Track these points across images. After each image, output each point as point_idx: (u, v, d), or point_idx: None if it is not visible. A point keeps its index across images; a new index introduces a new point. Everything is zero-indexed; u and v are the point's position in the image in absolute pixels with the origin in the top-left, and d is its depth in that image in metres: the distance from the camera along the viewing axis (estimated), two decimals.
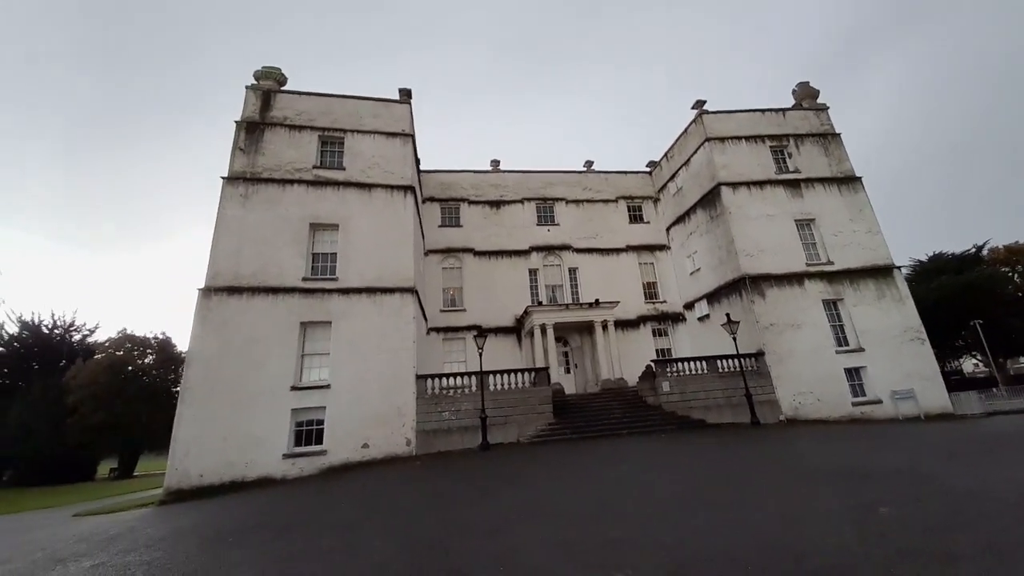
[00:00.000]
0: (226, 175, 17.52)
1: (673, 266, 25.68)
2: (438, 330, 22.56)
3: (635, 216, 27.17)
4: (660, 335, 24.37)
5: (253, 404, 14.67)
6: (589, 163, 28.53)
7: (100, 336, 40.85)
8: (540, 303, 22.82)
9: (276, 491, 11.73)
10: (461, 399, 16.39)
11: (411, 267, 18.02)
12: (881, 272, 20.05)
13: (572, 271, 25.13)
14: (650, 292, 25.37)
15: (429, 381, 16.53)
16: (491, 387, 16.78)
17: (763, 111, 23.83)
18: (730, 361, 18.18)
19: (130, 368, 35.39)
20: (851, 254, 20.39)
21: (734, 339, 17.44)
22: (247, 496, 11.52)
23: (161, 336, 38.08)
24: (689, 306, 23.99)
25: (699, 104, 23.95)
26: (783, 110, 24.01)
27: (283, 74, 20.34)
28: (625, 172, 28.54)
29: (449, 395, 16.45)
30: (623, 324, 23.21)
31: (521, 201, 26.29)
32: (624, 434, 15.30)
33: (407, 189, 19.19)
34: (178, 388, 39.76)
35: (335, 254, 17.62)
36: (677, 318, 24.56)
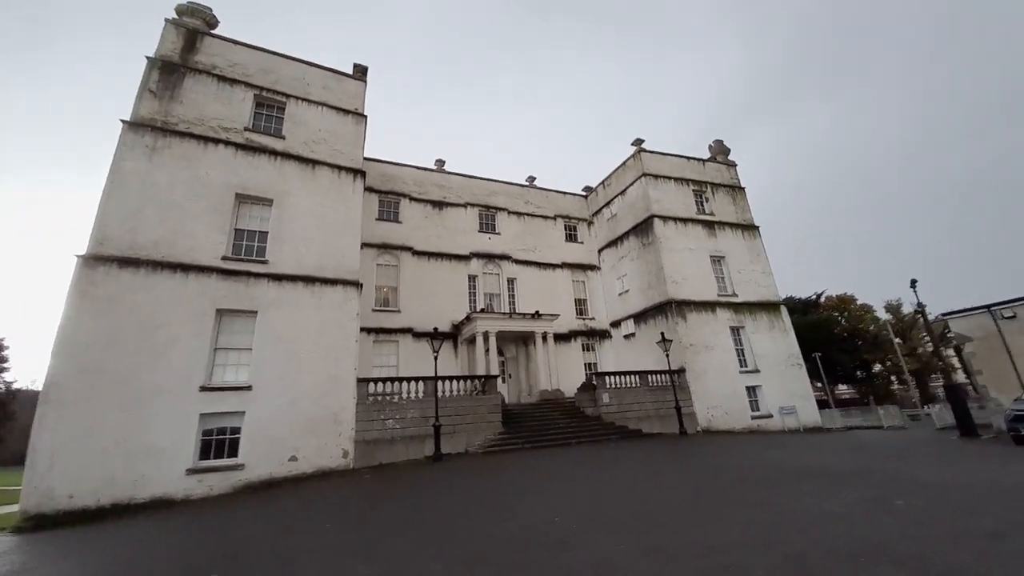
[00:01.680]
0: (129, 119, 14.09)
1: (602, 286, 27.24)
2: (369, 330, 20.61)
3: (571, 235, 28.37)
4: (588, 350, 25.51)
5: (148, 406, 11.67)
6: (531, 178, 29.18)
7: None
8: (483, 309, 22.33)
9: (192, 514, 9.33)
10: (407, 406, 15.08)
11: (357, 258, 16.37)
12: (772, 307, 23.75)
13: (511, 281, 25.16)
14: (580, 309, 26.52)
15: (371, 385, 14.96)
16: (440, 394, 15.73)
17: (688, 158, 26.95)
18: (658, 376, 19.74)
19: None
20: (750, 290, 23.80)
21: (667, 356, 18.98)
22: (153, 521, 8.99)
23: None
24: (616, 324, 25.59)
25: (638, 142, 26.17)
26: (703, 160, 27.45)
27: (214, 16, 17.29)
28: (564, 192, 29.75)
29: (394, 401, 15.03)
30: (557, 337, 23.74)
31: (464, 205, 25.72)
32: (573, 443, 15.49)
33: (357, 173, 17.52)
34: None
35: (265, 233, 15.19)
36: (604, 335, 25.99)
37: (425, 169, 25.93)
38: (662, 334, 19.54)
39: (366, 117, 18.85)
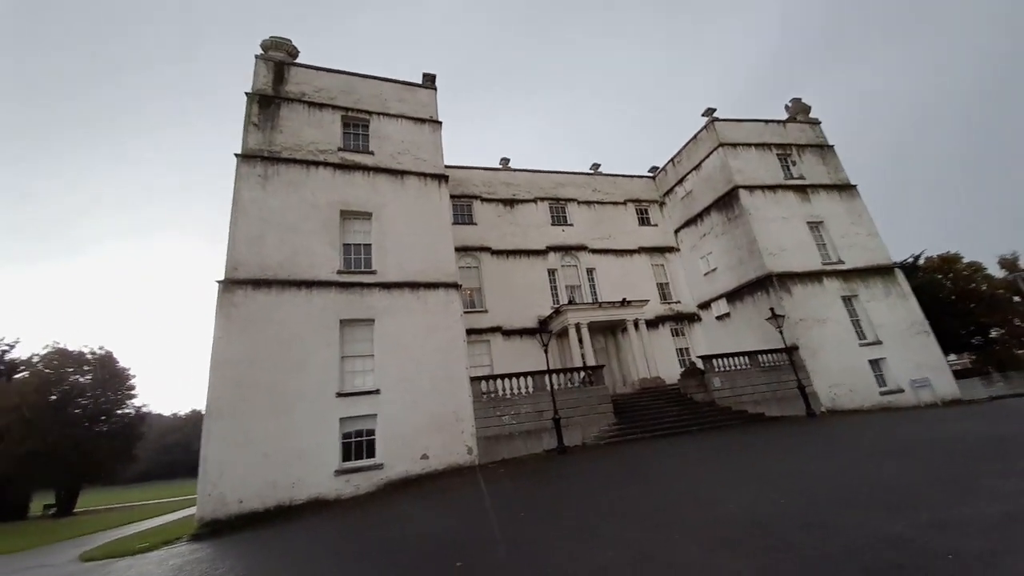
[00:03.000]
0: (240, 152, 15.18)
1: (683, 267, 26.14)
2: None
3: (643, 219, 27.47)
4: (677, 335, 24.54)
5: (294, 413, 12.48)
6: (596, 165, 28.56)
7: (22, 352, 34.21)
8: (571, 301, 22.07)
9: (355, 513, 9.78)
10: (520, 401, 15.12)
11: (453, 260, 16.66)
12: (884, 271, 21.64)
13: (589, 271, 24.73)
14: (664, 293, 25.58)
15: (483, 383, 15.12)
16: (548, 387, 15.65)
17: (766, 122, 25.24)
18: (770, 356, 18.53)
19: (65, 387, 29.69)
20: (857, 254, 21.83)
21: (780, 332, 17.75)
22: (320, 521, 9.51)
23: (100, 351, 32.41)
24: (704, 306, 24.43)
25: (709, 112, 24.85)
26: (783, 122, 25.60)
27: (295, 47, 18.27)
28: (630, 176, 28.91)
29: (507, 397, 15.11)
30: (646, 324, 23.03)
31: (534, 200, 25.60)
32: (695, 431, 14.85)
33: (441, 178, 17.84)
34: (122, 410, 34.35)
35: (368, 245, 15.83)
36: (692, 318, 24.89)
37: (492, 169, 26.08)
38: (771, 310, 18.31)
39: (441, 123, 19.18)
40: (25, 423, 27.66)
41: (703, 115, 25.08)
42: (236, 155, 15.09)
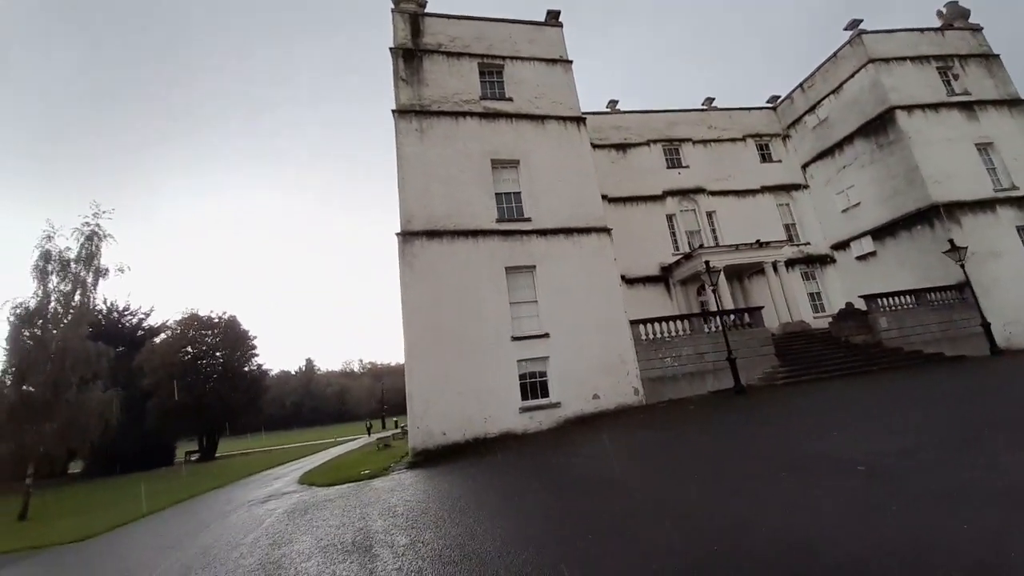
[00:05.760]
0: (395, 108, 15.49)
1: (813, 205, 24.30)
2: None
3: (764, 155, 25.52)
4: (808, 278, 23.26)
5: (478, 355, 13.36)
6: (710, 99, 26.57)
7: (154, 319, 38.82)
8: (700, 245, 21.36)
9: (559, 446, 10.48)
10: (680, 344, 15.20)
11: (600, 204, 16.50)
12: None
13: (709, 215, 23.65)
14: (790, 234, 24.06)
15: (642, 327, 15.28)
16: (707, 330, 15.58)
17: (921, 31, 22.03)
18: (939, 294, 17.17)
19: (201, 347, 33.75)
20: None
21: (962, 266, 16.20)
22: (524, 450, 10.32)
23: (225, 315, 36.28)
24: (840, 246, 22.80)
25: (854, 24, 21.99)
26: (940, 30, 22.24)
27: None
28: (748, 109, 26.68)
29: (666, 340, 15.23)
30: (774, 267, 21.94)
31: (647, 143, 24.43)
32: (875, 371, 14.32)
33: (579, 120, 17.38)
34: (248, 368, 38.48)
35: (518, 193, 15.96)
36: (824, 260, 23.39)
37: (600, 113, 25.04)
38: (951, 241, 16.67)
39: (571, 62, 18.41)
40: (172, 379, 31.73)
41: (846, 28, 22.25)
42: (393, 111, 15.44)
